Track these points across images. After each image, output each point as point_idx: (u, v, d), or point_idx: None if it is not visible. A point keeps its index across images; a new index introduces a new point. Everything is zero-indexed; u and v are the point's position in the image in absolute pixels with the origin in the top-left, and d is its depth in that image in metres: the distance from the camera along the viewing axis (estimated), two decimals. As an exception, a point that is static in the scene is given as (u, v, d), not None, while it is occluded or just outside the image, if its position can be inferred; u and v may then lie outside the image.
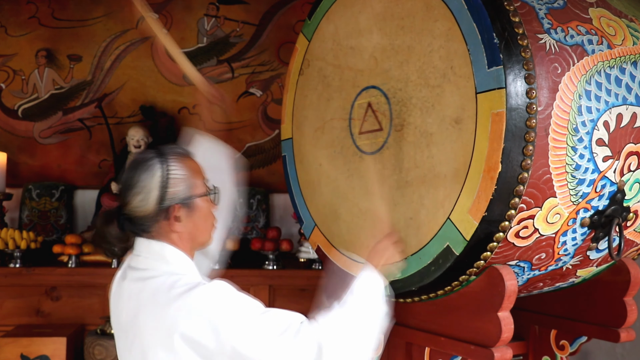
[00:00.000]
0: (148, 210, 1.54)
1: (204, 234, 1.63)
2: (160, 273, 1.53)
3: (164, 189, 1.53)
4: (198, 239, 1.61)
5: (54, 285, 3.46)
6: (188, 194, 1.56)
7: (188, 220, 1.57)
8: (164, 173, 1.54)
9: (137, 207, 1.55)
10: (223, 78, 4.28)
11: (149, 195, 1.53)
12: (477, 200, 1.56)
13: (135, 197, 1.54)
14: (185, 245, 1.58)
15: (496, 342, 1.63)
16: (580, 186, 1.62)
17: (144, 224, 1.56)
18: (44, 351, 3.13)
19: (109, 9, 4.20)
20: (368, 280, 1.59)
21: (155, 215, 1.55)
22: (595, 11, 1.73)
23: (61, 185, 4.08)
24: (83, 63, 4.19)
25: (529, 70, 1.53)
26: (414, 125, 1.72)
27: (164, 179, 1.53)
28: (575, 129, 1.58)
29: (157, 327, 1.45)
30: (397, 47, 1.78)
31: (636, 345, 2.78)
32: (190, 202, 1.56)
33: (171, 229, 1.56)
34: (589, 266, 1.84)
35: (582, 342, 2.09)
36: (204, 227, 1.62)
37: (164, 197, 1.53)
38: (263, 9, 4.29)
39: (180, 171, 1.56)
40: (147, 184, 1.53)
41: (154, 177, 1.53)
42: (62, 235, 3.86)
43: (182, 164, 1.58)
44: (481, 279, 1.66)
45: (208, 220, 1.63)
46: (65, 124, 4.19)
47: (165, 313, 1.44)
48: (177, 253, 1.57)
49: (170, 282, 1.49)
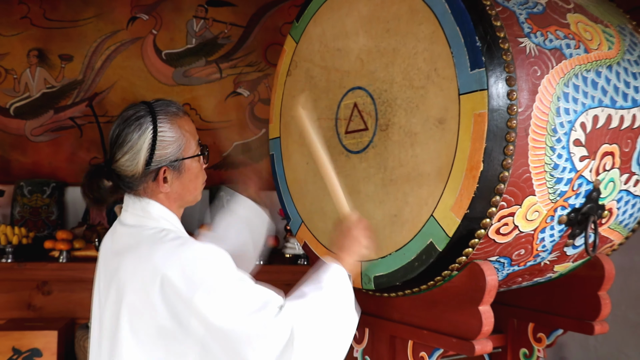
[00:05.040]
0: (135, 171, 1.49)
1: (192, 193, 1.58)
2: (149, 227, 1.49)
3: (153, 150, 1.48)
4: (186, 198, 1.58)
5: (45, 280, 3.43)
6: (177, 156, 1.51)
7: (176, 181, 1.53)
8: (153, 134, 1.48)
9: (125, 166, 1.50)
10: (211, 78, 4.26)
11: (136, 155, 1.48)
12: (459, 198, 1.56)
13: (123, 155, 1.49)
14: (172, 204, 1.55)
15: (477, 335, 1.63)
16: (558, 185, 1.63)
17: (131, 183, 1.51)
18: (35, 344, 3.11)
19: (99, 10, 4.17)
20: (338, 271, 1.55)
21: (142, 175, 1.50)
22: (573, 16, 1.73)
23: (52, 182, 4.04)
24: (74, 63, 4.16)
25: (510, 73, 1.53)
26: (398, 125, 1.72)
27: (152, 140, 1.48)
28: (553, 129, 1.58)
29: (139, 272, 1.41)
30: (382, 50, 1.77)
31: (608, 337, 2.81)
32: (179, 163, 1.52)
33: (159, 189, 1.52)
34: (565, 262, 1.85)
35: (558, 334, 2.10)
36: (193, 186, 1.58)
37: (151, 159, 1.49)
38: (250, 11, 4.28)
39: (170, 132, 1.51)
40: (136, 143, 1.48)
41: (142, 137, 1.48)
42: (53, 231, 3.84)
43: (172, 124, 1.52)
44: (463, 274, 1.66)
45: (198, 180, 1.59)
46: (57, 122, 4.15)
47: (151, 258, 1.40)
48: (164, 211, 1.53)
49: (160, 235, 1.46)
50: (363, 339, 2.03)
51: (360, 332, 2.04)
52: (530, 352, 2.15)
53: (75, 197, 4.12)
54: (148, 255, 1.42)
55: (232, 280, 1.40)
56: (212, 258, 1.42)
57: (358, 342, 2.04)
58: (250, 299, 1.39)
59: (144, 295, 1.40)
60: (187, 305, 1.37)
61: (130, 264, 1.45)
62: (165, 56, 4.25)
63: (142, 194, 1.53)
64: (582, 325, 1.92)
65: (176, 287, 1.37)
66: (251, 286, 1.42)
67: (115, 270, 1.49)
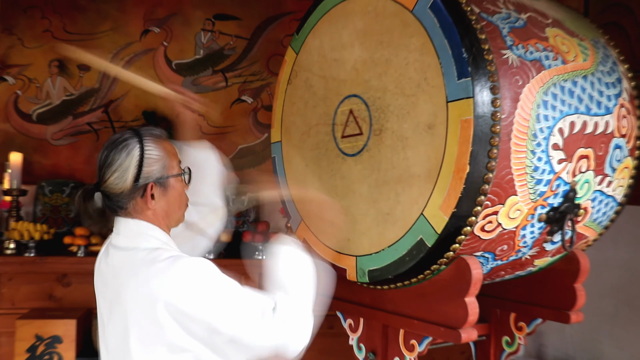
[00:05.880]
0: (124, 188, 1.47)
1: (177, 212, 1.57)
2: (141, 249, 1.46)
3: (140, 167, 1.47)
4: (172, 216, 1.56)
5: (65, 273, 3.41)
6: (163, 173, 1.50)
7: (162, 198, 1.51)
8: (140, 152, 1.48)
9: (114, 185, 1.48)
10: (218, 87, 4.25)
11: (125, 173, 1.46)
12: (447, 197, 1.54)
13: (112, 174, 1.47)
14: (161, 222, 1.53)
15: (463, 324, 1.62)
16: (538, 185, 1.61)
17: (121, 201, 1.49)
18: (56, 332, 3.10)
19: (115, 24, 4.15)
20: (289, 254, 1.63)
21: (131, 192, 1.48)
22: (552, 31, 1.72)
23: (71, 182, 4.02)
24: (91, 72, 4.14)
25: (493, 82, 1.51)
26: (391, 130, 1.70)
27: (140, 158, 1.47)
28: (534, 134, 1.57)
29: (140, 297, 1.38)
30: (376, 60, 1.75)
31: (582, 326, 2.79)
32: (164, 181, 1.51)
33: (146, 206, 1.50)
34: (544, 256, 1.84)
35: (537, 323, 2.08)
36: (178, 205, 1.56)
37: (139, 176, 1.47)
38: (254, 25, 4.27)
39: (155, 152, 1.50)
40: (124, 162, 1.47)
41: (130, 155, 1.47)
42: (72, 228, 3.81)
43: (157, 144, 1.51)
44: (450, 268, 1.64)
45: (181, 199, 1.57)
46: (75, 127, 4.13)
47: (148, 283, 1.38)
48: (154, 229, 1.51)
49: (152, 256, 1.43)
50: (358, 328, 2.01)
51: (355, 322, 2.02)
52: (512, 340, 2.14)
53: (93, 196, 4.10)
54: (145, 281, 1.39)
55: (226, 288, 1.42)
56: (203, 271, 1.41)
57: (353, 331, 2.02)
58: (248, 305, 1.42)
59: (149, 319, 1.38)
60: (192, 319, 1.36)
61: (131, 289, 1.42)
62: (175, 66, 4.23)
63: (132, 213, 1.51)
64: (559, 314, 1.91)
65: (178, 307, 1.36)
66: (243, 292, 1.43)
67: (116, 294, 1.46)
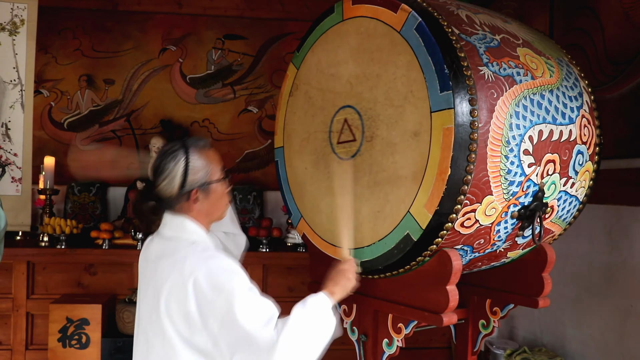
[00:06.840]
0: (172, 193, 1.52)
1: (218, 211, 1.61)
2: (182, 239, 1.51)
3: (185, 176, 1.51)
4: (213, 215, 1.60)
5: (92, 263, 3.41)
6: (205, 180, 1.53)
7: (205, 201, 1.55)
8: (186, 163, 1.51)
9: (164, 190, 1.52)
10: (227, 98, 4.27)
11: (172, 180, 1.51)
12: (431, 197, 1.54)
13: (162, 181, 1.52)
14: (203, 220, 1.56)
15: (445, 309, 1.63)
16: (511, 186, 1.62)
17: (169, 203, 1.54)
18: (84, 315, 3.10)
19: (137, 43, 4.17)
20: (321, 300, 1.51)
21: (178, 196, 1.52)
22: (522, 50, 1.73)
23: (97, 183, 4.03)
24: (115, 86, 4.15)
25: (472, 95, 1.51)
26: (381, 137, 1.70)
27: (185, 167, 1.51)
28: (507, 141, 1.57)
29: (177, 268, 1.42)
30: (368, 75, 1.75)
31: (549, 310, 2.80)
32: (207, 187, 1.54)
33: (191, 207, 1.54)
34: (516, 249, 1.84)
35: (510, 308, 2.09)
36: (219, 206, 1.60)
37: (185, 183, 1.51)
38: (259, 43, 4.29)
39: (199, 161, 1.53)
40: (172, 171, 1.51)
41: (177, 165, 1.51)
42: (97, 223, 3.82)
43: (201, 154, 1.55)
44: (434, 260, 1.65)
45: (222, 200, 1.60)
46: (101, 134, 4.14)
47: (184, 261, 1.42)
48: (195, 226, 1.54)
49: (192, 247, 1.48)
50: (351, 313, 2.01)
51: (349, 308, 2.02)
52: (487, 323, 2.14)
53: (115, 195, 4.11)
54: (182, 260, 1.43)
55: (246, 290, 1.41)
56: (231, 269, 1.43)
57: (347, 315, 2.02)
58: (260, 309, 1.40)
59: (178, 285, 1.40)
60: (209, 304, 1.38)
61: (168, 265, 1.46)
62: (190, 80, 4.24)
63: (179, 212, 1.55)
64: (529, 300, 1.92)
65: (203, 288, 1.38)
66: (260, 298, 1.42)
67: (153, 272, 1.50)
